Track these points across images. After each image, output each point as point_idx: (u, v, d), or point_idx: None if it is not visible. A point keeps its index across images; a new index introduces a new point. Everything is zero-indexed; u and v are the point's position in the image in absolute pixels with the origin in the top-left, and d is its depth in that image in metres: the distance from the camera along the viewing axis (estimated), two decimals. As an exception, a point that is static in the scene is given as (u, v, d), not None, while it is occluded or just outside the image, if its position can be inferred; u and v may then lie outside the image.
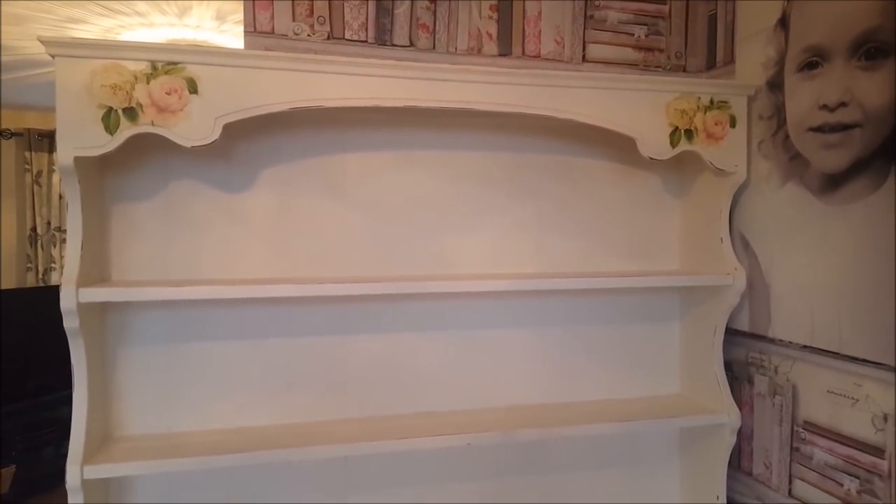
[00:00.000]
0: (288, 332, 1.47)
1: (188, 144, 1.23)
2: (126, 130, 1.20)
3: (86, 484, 1.21)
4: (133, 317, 1.38)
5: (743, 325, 1.55)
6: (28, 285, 4.75)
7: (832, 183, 1.33)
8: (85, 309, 1.22)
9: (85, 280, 1.23)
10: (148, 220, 1.39)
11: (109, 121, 1.20)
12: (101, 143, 1.20)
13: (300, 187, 1.46)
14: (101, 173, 1.35)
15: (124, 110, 1.20)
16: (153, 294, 1.28)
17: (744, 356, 1.56)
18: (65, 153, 1.19)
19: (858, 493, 1.28)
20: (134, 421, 1.39)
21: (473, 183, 1.55)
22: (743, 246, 1.55)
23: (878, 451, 1.24)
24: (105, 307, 1.35)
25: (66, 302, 1.19)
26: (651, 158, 1.44)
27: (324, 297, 1.46)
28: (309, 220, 1.47)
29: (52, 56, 1.17)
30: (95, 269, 1.32)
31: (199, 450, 1.30)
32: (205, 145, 1.23)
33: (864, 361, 1.26)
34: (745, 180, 1.51)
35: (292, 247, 1.46)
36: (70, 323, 1.21)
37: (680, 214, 1.67)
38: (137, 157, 1.37)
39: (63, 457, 1.21)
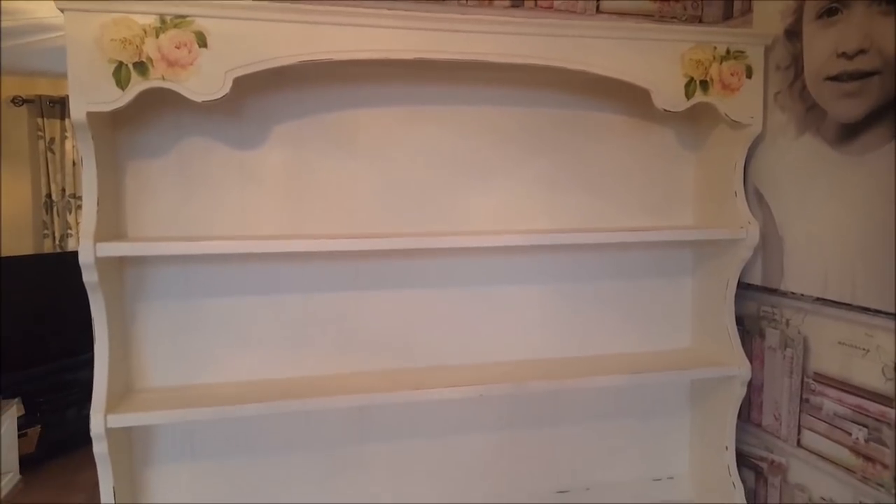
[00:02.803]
0: (303, 288, 1.48)
1: (199, 99, 1.23)
2: (137, 85, 1.21)
3: (109, 433, 1.25)
4: (150, 272, 1.40)
5: (755, 278, 1.55)
6: (46, 251, 4.81)
7: (849, 133, 1.31)
8: (103, 263, 1.24)
9: (102, 236, 1.25)
10: (161, 177, 1.40)
11: (120, 75, 1.20)
12: (113, 98, 1.20)
13: (312, 144, 1.46)
14: (113, 130, 1.36)
15: (135, 65, 1.20)
16: (170, 249, 1.30)
17: (755, 310, 1.56)
18: (77, 109, 1.19)
19: (866, 441, 1.29)
20: (154, 374, 1.42)
21: (486, 138, 1.54)
22: (757, 199, 1.53)
23: (887, 401, 1.25)
24: (122, 262, 1.37)
25: (85, 256, 1.21)
26: (665, 110, 1.43)
27: (338, 253, 1.47)
28: (321, 176, 1.47)
29: (62, 10, 1.17)
30: (112, 226, 1.34)
31: (218, 400, 1.34)
32: (215, 100, 1.23)
33: (877, 312, 1.26)
34: (761, 133, 1.49)
35: (305, 203, 1.47)
36: (89, 277, 1.23)
37: (694, 169, 1.66)
38: (149, 114, 1.37)
39: (86, 417, 1.24)
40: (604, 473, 1.67)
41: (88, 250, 1.21)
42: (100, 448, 1.26)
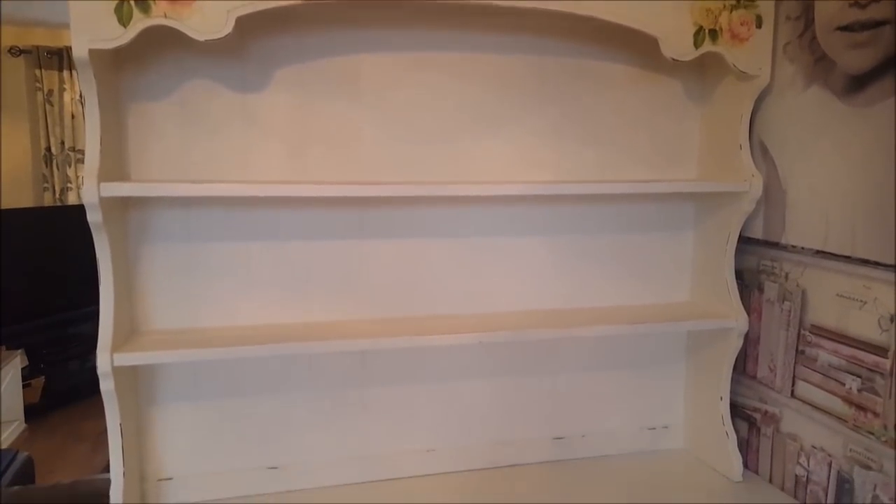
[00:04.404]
0: (307, 235, 1.49)
1: (201, 38, 1.21)
2: (139, 23, 1.19)
3: (115, 371, 1.27)
4: (154, 215, 1.40)
5: (756, 232, 1.56)
6: (46, 205, 4.81)
7: (857, 84, 1.30)
8: (107, 204, 1.24)
9: (105, 177, 1.25)
10: (164, 119, 1.39)
11: (122, 13, 1.18)
12: (115, 36, 1.19)
13: (316, 88, 1.45)
14: (116, 71, 1.34)
15: (136, 2, 1.18)
16: (173, 190, 1.30)
17: (755, 264, 1.57)
18: (79, 46, 1.18)
19: (859, 391, 1.32)
20: (158, 316, 1.44)
21: (492, 86, 1.53)
22: (762, 153, 1.53)
23: (881, 351, 1.27)
24: (126, 204, 1.38)
25: (89, 196, 1.21)
26: (674, 60, 1.41)
27: (341, 200, 1.47)
28: (325, 122, 1.46)
29: (62, -57, 1.15)
30: (115, 168, 1.33)
31: (222, 343, 1.36)
32: (218, 39, 1.22)
33: (876, 264, 1.27)
34: (768, 85, 1.48)
35: (309, 149, 1.46)
36: (93, 217, 1.24)
37: (700, 121, 1.65)
38: (151, 55, 1.36)
39: (88, 370, 1.26)
40: (600, 421, 1.70)
41: (92, 190, 1.21)
42: (106, 385, 1.28)
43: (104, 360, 1.26)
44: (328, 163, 1.47)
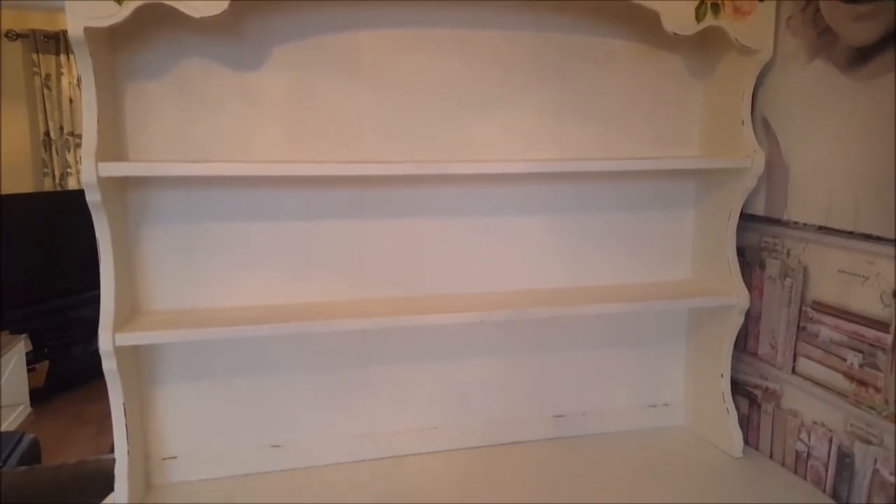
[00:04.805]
0: (307, 215, 1.48)
1: (197, 15, 1.20)
2: (134, 0, 1.18)
3: (118, 351, 1.28)
4: (153, 195, 1.40)
5: (758, 209, 1.55)
6: (46, 190, 4.80)
7: (860, 57, 1.28)
8: (105, 184, 1.24)
9: (103, 157, 1.24)
10: (161, 99, 1.38)
11: (117, -11, 1.17)
12: (111, 13, 1.17)
13: (314, 67, 1.43)
14: (112, 50, 1.33)
15: (131, -22, 1.17)
16: (172, 170, 1.30)
17: (757, 241, 1.57)
18: (74, 24, 1.17)
19: (861, 366, 1.32)
20: (159, 297, 1.44)
21: (493, 63, 1.51)
22: (764, 128, 1.52)
23: (883, 326, 1.26)
24: (125, 185, 1.37)
25: (87, 176, 1.21)
26: (675, 34, 1.39)
27: (341, 179, 1.47)
28: (324, 101, 1.45)
29: (54, -82, 1.13)
30: (112, 149, 1.33)
31: (223, 322, 1.36)
32: (214, 17, 1.21)
33: (878, 239, 1.26)
34: (771, 59, 1.46)
35: (307, 129, 1.45)
36: (92, 197, 1.23)
37: (702, 98, 1.63)
38: (148, 34, 1.34)
39: (91, 354, 1.25)
40: (600, 399, 1.71)
41: (91, 170, 1.20)
42: (109, 365, 1.28)
43: (106, 340, 1.26)
44: (328, 142, 1.46)
